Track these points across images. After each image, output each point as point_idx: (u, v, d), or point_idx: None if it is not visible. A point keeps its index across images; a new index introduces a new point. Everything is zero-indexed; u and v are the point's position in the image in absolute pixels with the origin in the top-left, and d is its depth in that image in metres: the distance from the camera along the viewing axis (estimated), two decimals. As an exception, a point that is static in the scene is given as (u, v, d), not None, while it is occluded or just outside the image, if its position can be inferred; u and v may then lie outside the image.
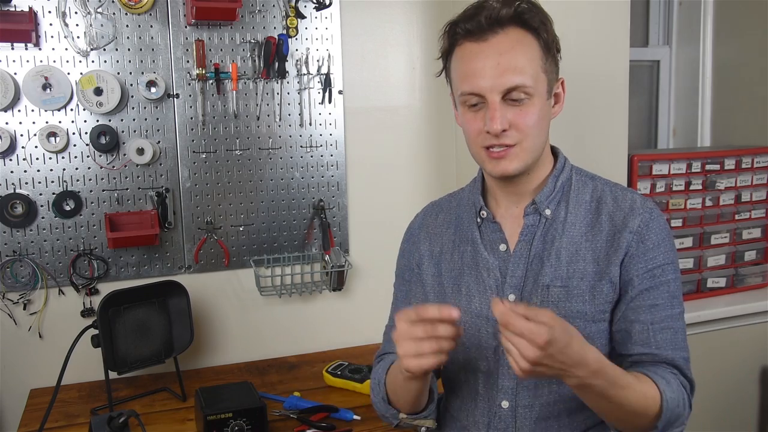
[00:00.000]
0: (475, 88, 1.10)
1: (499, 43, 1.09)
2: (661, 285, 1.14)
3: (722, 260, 2.13)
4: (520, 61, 1.09)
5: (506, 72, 1.08)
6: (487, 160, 1.14)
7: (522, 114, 1.10)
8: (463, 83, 1.12)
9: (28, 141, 1.74)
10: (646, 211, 1.14)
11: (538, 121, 1.12)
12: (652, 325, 1.12)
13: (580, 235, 1.15)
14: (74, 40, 1.74)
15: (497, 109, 1.08)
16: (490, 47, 1.09)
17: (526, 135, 1.11)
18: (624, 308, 1.13)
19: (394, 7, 2.03)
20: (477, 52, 1.10)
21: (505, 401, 1.17)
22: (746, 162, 2.12)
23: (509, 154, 1.11)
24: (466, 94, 1.12)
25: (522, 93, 1.09)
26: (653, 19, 2.53)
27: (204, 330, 1.96)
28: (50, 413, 1.51)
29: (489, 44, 1.10)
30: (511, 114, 1.09)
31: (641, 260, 1.12)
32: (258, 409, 1.48)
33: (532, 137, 1.12)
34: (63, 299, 1.82)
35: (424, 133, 2.11)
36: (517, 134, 1.10)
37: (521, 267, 1.17)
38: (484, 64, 1.09)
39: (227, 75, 1.85)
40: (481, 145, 1.13)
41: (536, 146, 1.14)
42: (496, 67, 1.08)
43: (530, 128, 1.11)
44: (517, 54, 1.09)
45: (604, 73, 1.80)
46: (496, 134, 1.09)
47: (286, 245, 1.99)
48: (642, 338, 1.12)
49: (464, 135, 1.18)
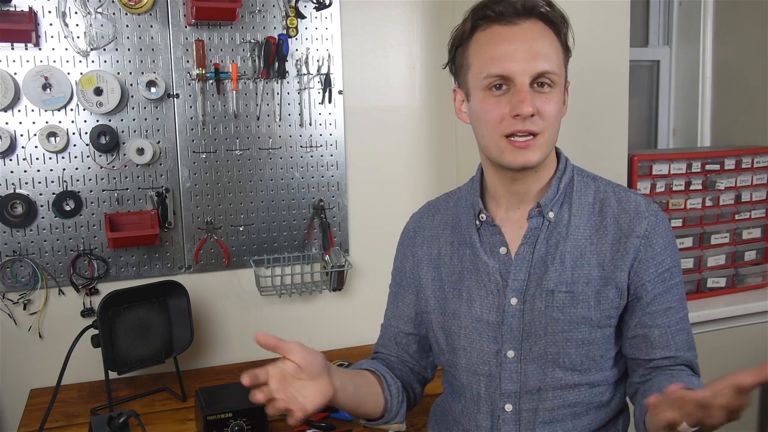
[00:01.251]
0: (504, 71, 1.08)
1: (529, 28, 1.09)
2: (672, 288, 1.14)
3: (722, 260, 2.13)
4: (548, 49, 1.09)
5: (538, 56, 1.07)
6: (508, 150, 1.10)
7: (547, 102, 1.09)
8: (491, 65, 1.09)
9: (28, 141, 1.74)
10: (651, 214, 1.14)
11: (558, 113, 1.12)
12: (669, 328, 1.13)
13: (585, 238, 1.14)
14: (74, 40, 1.74)
15: (527, 92, 1.07)
16: (521, 31, 1.09)
17: (549, 124, 1.10)
18: (640, 314, 1.13)
19: (394, 7, 2.03)
20: (508, 35, 1.09)
21: (509, 405, 1.16)
22: (746, 162, 2.12)
23: (532, 144, 1.09)
24: (492, 76, 1.09)
25: (549, 80, 1.09)
26: (653, 19, 2.53)
27: (204, 330, 1.96)
28: (50, 413, 1.51)
29: (521, 29, 1.09)
30: (538, 101, 1.08)
31: (651, 264, 1.12)
32: (258, 409, 1.47)
33: (552, 129, 1.11)
34: (63, 299, 1.82)
35: (424, 133, 2.11)
36: (542, 122, 1.09)
37: (524, 270, 1.15)
38: (516, 47, 1.08)
39: (227, 75, 1.85)
40: (502, 133, 1.09)
41: (553, 139, 1.13)
42: (529, 50, 1.07)
43: (552, 118, 1.10)
44: (546, 42, 1.10)
45: (604, 73, 1.80)
46: (526, 117, 1.07)
47: (286, 245, 1.99)
48: (662, 342, 1.13)
49: (479, 124, 1.13)
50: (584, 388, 1.15)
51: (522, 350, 1.15)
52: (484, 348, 1.17)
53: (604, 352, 1.15)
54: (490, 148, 1.13)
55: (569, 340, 1.12)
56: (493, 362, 1.17)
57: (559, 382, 1.14)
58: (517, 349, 1.15)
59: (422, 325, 1.29)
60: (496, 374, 1.17)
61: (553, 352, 1.13)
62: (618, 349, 1.18)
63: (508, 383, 1.16)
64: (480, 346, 1.18)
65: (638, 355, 1.15)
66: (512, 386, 1.16)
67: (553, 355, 1.13)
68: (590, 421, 1.17)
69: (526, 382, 1.15)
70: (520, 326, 1.14)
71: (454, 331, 1.21)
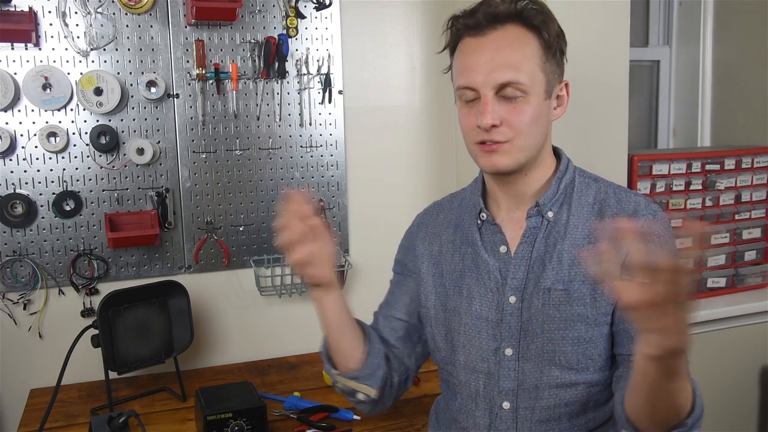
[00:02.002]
0: (469, 82, 1.11)
1: (497, 39, 1.10)
2: None
3: (722, 260, 2.13)
4: (514, 58, 1.09)
5: (499, 67, 1.08)
6: (480, 155, 1.14)
7: (515, 111, 1.10)
8: (460, 77, 1.13)
9: (28, 141, 1.74)
10: (650, 213, 1.14)
11: (534, 120, 1.11)
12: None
13: (583, 237, 1.15)
14: (74, 40, 1.74)
15: (488, 104, 1.09)
16: (487, 42, 1.10)
17: (519, 133, 1.10)
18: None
19: (394, 7, 2.03)
20: (475, 47, 1.11)
21: (506, 403, 1.17)
22: (746, 162, 2.12)
23: (500, 149, 1.11)
24: (461, 88, 1.13)
25: (516, 90, 1.09)
26: (653, 19, 2.53)
27: (204, 330, 1.96)
28: (50, 413, 1.51)
29: (486, 39, 1.11)
30: (504, 111, 1.10)
31: None
32: (258, 409, 1.48)
33: (526, 136, 1.11)
34: (63, 299, 1.82)
35: (424, 133, 2.11)
36: (508, 131, 1.10)
37: (522, 269, 1.16)
38: (479, 59, 1.10)
39: (227, 75, 1.85)
40: (474, 140, 1.13)
41: (530, 145, 1.13)
42: (490, 61, 1.09)
43: (523, 126, 1.10)
44: (514, 51, 1.09)
45: (604, 73, 1.80)
46: (486, 129, 1.09)
47: (286, 245, 1.99)
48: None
49: (461, 131, 1.18)
50: (581, 387, 1.15)
51: (520, 348, 1.15)
52: (483, 345, 1.18)
53: (600, 351, 1.14)
54: (470, 152, 1.17)
55: (565, 338, 1.13)
56: (491, 360, 1.18)
57: (555, 380, 1.14)
58: (515, 347, 1.16)
59: (414, 315, 1.31)
60: (494, 372, 1.17)
61: (550, 350, 1.13)
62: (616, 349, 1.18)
63: (506, 381, 1.16)
64: (479, 343, 1.19)
65: (621, 351, 1.13)
66: (510, 384, 1.16)
67: (550, 353, 1.14)
68: (587, 421, 1.17)
69: (524, 380, 1.15)
70: (519, 324, 1.15)
71: (454, 328, 1.22)
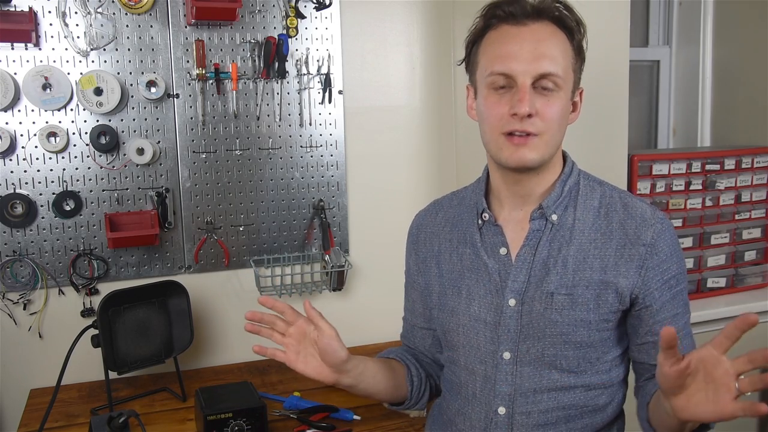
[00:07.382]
0: (507, 69, 1.09)
1: (538, 30, 1.10)
2: (678, 294, 1.15)
3: (722, 260, 2.13)
4: (555, 51, 1.10)
5: (542, 58, 1.08)
6: (506, 147, 1.11)
7: (549, 104, 1.09)
8: (496, 63, 1.10)
9: (28, 141, 1.74)
10: (657, 221, 1.14)
11: (561, 116, 1.12)
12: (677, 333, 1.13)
13: (589, 242, 1.14)
14: (74, 40, 1.74)
15: (527, 92, 1.08)
16: (529, 32, 1.10)
17: (549, 127, 1.10)
18: (651, 322, 1.14)
19: (394, 7, 2.03)
20: (515, 34, 1.10)
21: (502, 407, 1.16)
22: (746, 162, 2.12)
23: (530, 142, 1.09)
24: (495, 74, 1.10)
25: (552, 82, 1.09)
26: (653, 19, 2.53)
27: (204, 330, 1.96)
28: (50, 413, 1.51)
29: (529, 29, 1.10)
30: (539, 102, 1.09)
31: (657, 272, 1.12)
32: (258, 409, 1.48)
33: (553, 131, 1.11)
34: (63, 299, 1.82)
35: (424, 133, 2.11)
36: (541, 123, 1.09)
37: (524, 272, 1.15)
38: (521, 47, 1.09)
39: (227, 75, 1.85)
40: (501, 130, 1.11)
41: (555, 142, 1.13)
42: (533, 51, 1.08)
43: (553, 121, 1.10)
44: (555, 44, 1.10)
45: (604, 73, 1.79)
46: (523, 117, 1.07)
47: (286, 245, 1.99)
48: None
49: (482, 121, 1.15)
50: (579, 391, 1.15)
51: (518, 352, 1.15)
52: (482, 347, 1.18)
53: (600, 354, 1.15)
54: (491, 145, 1.14)
55: (567, 342, 1.13)
56: (489, 362, 1.17)
57: (554, 383, 1.14)
58: (514, 350, 1.15)
59: (432, 320, 1.32)
60: (491, 375, 1.17)
61: (551, 354, 1.13)
62: (616, 353, 1.18)
63: (503, 385, 1.16)
64: (477, 344, 1.19)
65: (647, 360, 1.17)
66: (506, 388, 1.16)
67: (551, 357, 1.13)
68: (584, 425, 1.17)
69: (521, 385, 1.15)
70: (518, 328, 1.15)
71: (452, 328, 1.22)
